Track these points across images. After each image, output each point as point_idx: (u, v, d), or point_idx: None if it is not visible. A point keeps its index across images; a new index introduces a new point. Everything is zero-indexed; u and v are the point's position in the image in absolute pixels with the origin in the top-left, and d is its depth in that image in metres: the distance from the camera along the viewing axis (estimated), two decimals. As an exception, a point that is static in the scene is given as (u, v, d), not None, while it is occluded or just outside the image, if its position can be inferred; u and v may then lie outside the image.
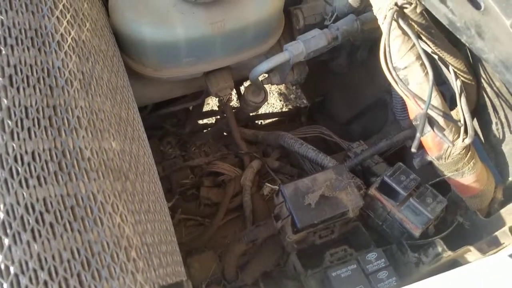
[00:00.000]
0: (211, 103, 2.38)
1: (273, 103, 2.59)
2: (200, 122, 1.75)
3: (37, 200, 0.55)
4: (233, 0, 0.99)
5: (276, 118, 1.83)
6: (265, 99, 1.27)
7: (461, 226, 0.88)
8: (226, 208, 1.15)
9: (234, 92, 1.54)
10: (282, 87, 2.62)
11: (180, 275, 0.71)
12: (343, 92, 1.54)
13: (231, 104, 1.35)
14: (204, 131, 1.55)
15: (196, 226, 1.18)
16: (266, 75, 1.20)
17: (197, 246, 1.10)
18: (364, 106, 1.43)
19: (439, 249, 0.78)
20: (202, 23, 0.96)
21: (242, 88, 1.61)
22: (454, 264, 0.76)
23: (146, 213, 0.67)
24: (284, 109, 2.51)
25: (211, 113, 1.72)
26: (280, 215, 0.92)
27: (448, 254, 0.76)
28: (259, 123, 1.82)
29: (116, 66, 0.80)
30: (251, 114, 1.55)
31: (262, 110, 2.49)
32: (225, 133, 1.48)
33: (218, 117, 1.63)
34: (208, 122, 1.87)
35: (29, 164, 0.57)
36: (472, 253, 0.72)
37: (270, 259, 1.01)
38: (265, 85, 1.21)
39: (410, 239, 0.89)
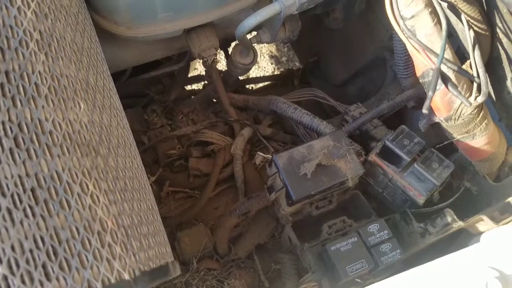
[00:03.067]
0: (200, 68, 2.27)
1: (264, 67, 2.50)
2: (187, 88, 1.66)
3: None
4: None
5: (268, 82, 1.76)
6: (254, 60, 1.18)
7: (468, 191, 0.82)
8: (217, 179, 1.10)
9: (222, 54, 1.45)
10: (273, 49, 2.51)
11: (165, 256, 0.65)
12: (339, 51, 1.46)
13: (218, 67, 1.26)
14: (191, 98, 1.46)
15: (185, 199, 1.13)
16: (255, 33, 1.10)
17: (187, 219, 1.06)
18: (362, 65, 1.35)
19: (449, 219, 0.72)
20: None
21: (230, 50, 1.51)
22: (463, 234, 0.71)
23: (122, 192, 0.60)
24: (276, 73, 2.41)
25: (198, 78, 1.64)
26: (273, 187, 0.85)
27: (459, 225, 0.71)
28: (250, 87, 1.74)
29: (81, 24, 0.70)
30: (240, 77, 1.45)
31: (253, 73, 2.41)
32: (214, 100, 1.39)
33: (206, 82, 1.55)
34: (196, 88, 1.78)
35: None
36: (484, 223, 0.67)
37: (264, 231, 0.97)
38: (254, 45, 1.11)
39: (412, 207, 0.84)
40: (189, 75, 1.50)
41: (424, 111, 0.68)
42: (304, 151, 0.81)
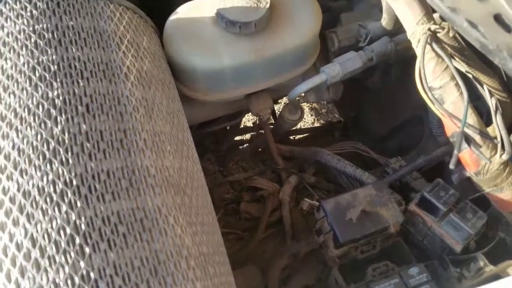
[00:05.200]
0: (244, 119, 2.42)
1: (305, 118, 2.60)
2: (235, 138, 1.80)
3: (112, 213, 0.62)
4: (274, 30, 1.08)
5: (309, 133, 1.86)
6: (301, 117, 1.32)
7: (503, 241, 0.89)
8: (266, 223, 1.18)
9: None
10: (314, 101, 2.63)
11: (231, 285, 0.76)
12: (378, 108, 1.57)
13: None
14: (240, 147, 1.60)
15: (237, 240, 1.21)
16: (303, 94, 1.25)
17: (239, 260, 1.13)
18: (400, 122, 1.45)
19: (481, 263, 0.80)
20: (245, 52, 1.05)
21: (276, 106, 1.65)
22: (496, 278, 0.78)
23: (201, 225, 0.73)
24: (315, 124, 2.52)
25: (245, 130, 1.78)
26: (321, 230, 0.95)
27: (490, 269, 0.78)
28: (292, 138, 1.86)
29: (172, 92, 0.88)
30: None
31: (295, 125, 2.53)
32: (259, 149, 1.52)
33: (254, 133, 1.69)
34: (243, 139, 1.92)
35: (105, 181, 0.63)
36: (514, 267, 0.74)
37: (311, 273, 1.03)
38: (301, 104, 1.27)
39: (451, 254, 0.91)
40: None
41: (451, 166, 0.78)
42: (349, 198, 0.92)
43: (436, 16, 0.88)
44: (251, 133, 1.79)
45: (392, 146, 1.53)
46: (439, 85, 0.81)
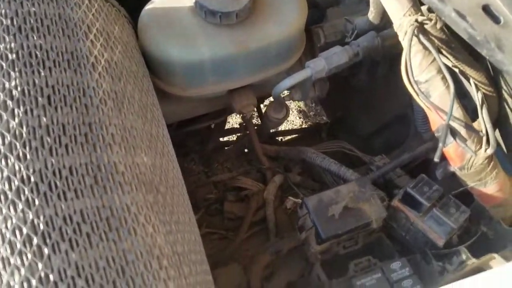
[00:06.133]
0: (231, 121, 2.42)
1: (293, 121, 2.61)
2: (221, 139, 1.78)
3: (75, 211, 0.58)
4: (256, 21, 1.03)
5: (296, 135, 1.85)
6: (286, 115, 1.30)
7: (485, 235, 0.88)
8: (250, 222, 1.17)
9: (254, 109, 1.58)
10: (302, 104, 2.64)
11: (209, 284, 0.73)
12: (364, 107, 1.55)
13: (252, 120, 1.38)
14: (226, 148, 1.58)
15: (221, 240, 1.19)
16: (288, 92, 1.23)
17: (222, 259, 1.12)
18: (386, 121, 1.44)
19: (463, 256, 0.78)
20: (226, 44, 1.00)
21: (262, 105, 1.64)
22: (478, 271, 0.76)
23: (176, 224, 0.70)
24: (303, 126, 2.52)
25: (232, 131, 1.76)
26: (304, 227, 0.93)
27: (472, 262, 0.76)
28: (279, 139, 1.85)
29: (146, 85, 0.85)
30: (271, 130, 1.57)
31: (282, 127, 2.53)
32: (246, 150, 1.50)
33: (239, 134, 1.67)
34: (229, 140, 1.91)
35: (67, 178, 0.60)
36: (496, 261, 0.72)
37: (294, 270, 1.02)
38: (287, 102, 1.24)
39: (433, 249, 0.89)
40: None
41: (436, 159, 0.77)
42: (332, 194, 0.90)
43: (424, 8, 0.86)
44: (237, 135, 1.77)
45: (378, 145, 1.53)
46: (425, 79, 0.80)
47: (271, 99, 1.29)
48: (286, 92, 1.21)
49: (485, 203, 0.86)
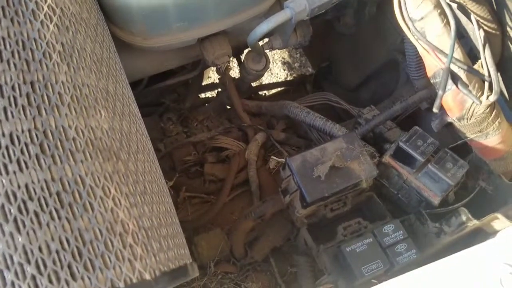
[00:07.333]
0: (213, 77, 2.30)
1: (277, 73, 2.51)
2: (202, 96, 1.69)
3: (19, 187, 0.51)
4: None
5: (280, 88, 1.76)
6: (266, 66, 1.20)
7: (483, 191, 0.82)
8: (232, 184, 1.11)
9: (235, 62, 1.47)
10: (286, 55, 2.53)
11: (184, 258, 0.67)
12: (351, 55, 1.46)
13: (231, 74, 1.27)
14: (206, 105, 1.48)
15: (202, 204, 1.15)
16: (267, 39, 1.12)
17: (204, 224, 1.08)
18: (374, 69, 1.35)
19: (463, 217, 0.72)
20: None
21: (242, 57, 1.53)
22: (479, 235, 0.71)
23: (142, 195, 0.62)
24: (288, 79, 2.43)
25: (212, 86, 1.66)
26: (288, 190, 0.86)
27: (473, 223, 0.71)
28: (263, 94, 1.76)
29: (100, 35, 0.73)
30: (253, 84, 1.47)
31: (266, 80, 2.43)
32: (227, 107, 1.41)
33: (219, 90, 1.57)
34: (210, 96, 1.81)
35: (7, 148, 0.52)
36: (499, 221, 0.67)
37: (279, 234, 0.97)
38: (266, 51, 1.13)
39: (428, 208, 0.84)
40: (203, 84, 1.53)
41: (435, 110, 0.69)
42: (317, 153, 0.82)
43: None
44: (218, 90, 1.68)
45: (367, 95, 1.46)
46: (421, 16, 0.70)
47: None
48: (265, 40, 1.10)
49: (485, 156, 0.79)
